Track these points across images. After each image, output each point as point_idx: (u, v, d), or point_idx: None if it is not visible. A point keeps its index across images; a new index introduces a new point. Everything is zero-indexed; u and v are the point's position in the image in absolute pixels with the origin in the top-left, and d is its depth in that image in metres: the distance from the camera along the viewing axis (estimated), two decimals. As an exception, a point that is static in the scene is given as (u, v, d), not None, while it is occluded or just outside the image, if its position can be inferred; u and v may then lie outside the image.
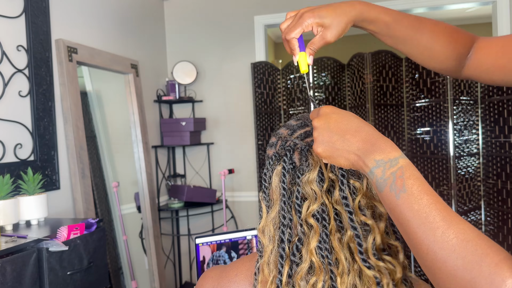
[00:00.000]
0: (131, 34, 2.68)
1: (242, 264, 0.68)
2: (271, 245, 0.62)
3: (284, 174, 0.61)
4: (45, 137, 1.84)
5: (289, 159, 0.62)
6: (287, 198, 0.61)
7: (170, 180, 3.04)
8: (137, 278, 2.54)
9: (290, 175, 0.62)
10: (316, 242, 0.58)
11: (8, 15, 1.68)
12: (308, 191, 0.60)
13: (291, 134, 0.66)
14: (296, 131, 0.66)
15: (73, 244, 1.38)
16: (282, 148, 0.65)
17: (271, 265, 0.61)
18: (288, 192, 0.61)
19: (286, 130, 0.67)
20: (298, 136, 0.65)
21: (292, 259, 0.59)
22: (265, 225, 0.63)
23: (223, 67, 3.08)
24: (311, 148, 0.62)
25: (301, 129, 0.66)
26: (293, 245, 0.60)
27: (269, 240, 0.62)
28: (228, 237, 1.58)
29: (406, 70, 2.73)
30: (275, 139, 0.68)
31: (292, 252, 0.60)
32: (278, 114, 3.00)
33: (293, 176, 0.62)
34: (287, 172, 0.62)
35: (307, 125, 0.66)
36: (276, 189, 0.63)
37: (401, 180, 0.47)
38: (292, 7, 2.94)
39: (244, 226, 3.04)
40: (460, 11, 4.31)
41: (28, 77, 1.77)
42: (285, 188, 0.61)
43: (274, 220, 0.62)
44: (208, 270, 0.72)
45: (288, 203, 0.61)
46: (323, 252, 0.58)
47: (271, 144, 0.68)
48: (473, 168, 2.53)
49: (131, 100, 2.62)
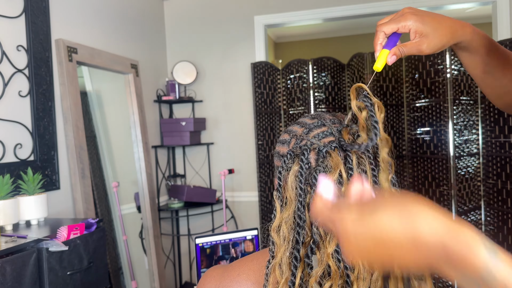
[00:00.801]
0: (131, 34, 2.68)
1: (244, 264, 0.68)
2: (284, 245, 0.60)
3: (301, 173, 0.60)
4: (45, 137, 1.84)
5: (305, 158, 0.61)
6: (303, 199, 0.60)
7: (170, 180, 3.03)
8: (137, 278, 2.53)
9: (306, 175, 0.61)
10: (334, 246, 0.57)
11: (8, 15, 1.68)
12: None
13: (307, 133, 0.64)
14: (313, 130, 0.64)
15: (73, 244, 1.38)
16: (298, 146, 0.63)
17: (284, 266, 0.60)
18: (304, 192, 0.60)
19: (301, 128, 0.66)
20: (315, 136, 0.63)
21: (306, 261, 0.58)
22: (279, 224, 0.62)
23: (223, 67, 3.08)
24: (330, 150, 0.60)
25: (318, 129, 0.64)
26: (308, 247, 0.59)
27: (283, 240, 0.61)
28: (228, 237, 1.58)
29: (406, 70, 2.73)
30: (288, 136, 0.66)
31: (306, 255, 0.58)
32: (278, 114, 3.00)
33: (308, 177, 0.61)
34: (304, 171, 0.60)
35: (324, 125, 0.64)
36: (291, 188, 0.61)
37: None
38: (292, 7, 2.94)
39: (244, 226, 3.04)
40: (460, 11, 4.31)
41: (28, 77, 1.77)
42: (302, 188, 0.60)
43: (287, 220, 0.61)
44: (210, 270, 0.71)
45: (303, 204, 0.59)
46: (339, 256, 0.57)
47: (283, 141, 0.67)
48: (473, 168, 2.53)
49: (131, 100, 2.62)
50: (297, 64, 2.93)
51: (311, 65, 2.90)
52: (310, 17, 2.94)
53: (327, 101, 2.90)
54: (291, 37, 5.23)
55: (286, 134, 0.68)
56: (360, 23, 4.54)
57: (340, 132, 0.62)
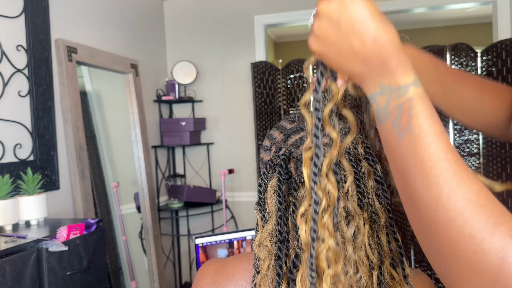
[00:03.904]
0: (131, 34, 2.68)
1: (240, 263, 0.67)
2: (267, 261, 0.58)
3: (279, 186, 0.57)
4: (45, 137, 1.84)
5: (284, 169, 0.58)
6: (283, 211, 0.57)
7: (170, 180, 3.03)
8: (137, 278, 2.53)
9: (286, 186, 0.58)
10: None
11: (8, 15, 1.68)
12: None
13: (285, 140, 0.62)
14: (291, 136, 0.62)
15: (73, 244, 1.37)
16: (277, 156, 0.61)
17: (269, 281, 0.58)
18: (284, 204, 0.57)
19: (280, 134, 0.64)
20: (293, 144, 0.61)
21: (289, 276, 0.56)
22: (261, 239, 0.59)
23: (223, 67, 3.08)
24: None
25: (296, 135, 0.61)
26: (291, 261, 0.57)
27: (266, 255, 0.59)
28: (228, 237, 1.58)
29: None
30: (269, 143, 0.64)
31: (289, 269, 0.56)
32: (278, 114, 3.00)
33: (289, 188, 0.58)
34: (282, 184, 0.58)
35: (302, 129, 0.62)
36: (271, 201, 0.59)
37: (407, 116, 0.37)
38: (292, 7, 2.94)
39: (244, 226, 3.04)
40: (460, 11, 4.31)
41: (28, 77, 1.77)
42: (280, 202, 0.57)
43: (270, 233, 0.59)
44: (207, 263, 0.71)
45: (284, 216, 0.57)
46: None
47: (265, 148, 0.65)
48: (473, 168, 2.53)
49: (131, 100, 2.61)
50: (297, 64, 2.93)
51: (311, 65, 2.89)
52: (310, 17, 2.94)
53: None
54: (291, 37, 5.22)
55: (267, 139, 0.66)
56: (360, 23, 4.54)
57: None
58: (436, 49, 2.60)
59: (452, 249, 0.35)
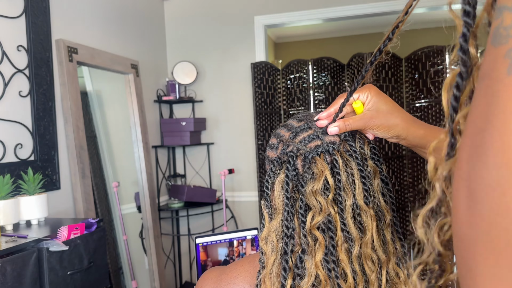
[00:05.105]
0: (131, 34, 2.68)
1: (242, 266, 0.68)
2: (273, 256, 0.59)
3: (287, 182, 0.59)
4: (46, 137, 1.84)
5: (292, 166, 0.59)
6: (290, 207, 0.58)
7: (170, 180, 3.04)
8: (137, 278, 2.54)
9: (293, 182, 0.59)
10: (322, 254, 0.56)
11: (8, 15, 1.68)
12: (313, 201, 0.57)
13: (293, 138, 0.62)
14: (299, 134, 0.62)
15: (73, 244, 1.38)
16: (284, 153, 0.62)
17: (274, 276, 0.59)
18: (291, 200, 0.58)
19: (288, 132, 0.64)
20: (301, 141, 0.61)
21: (295, 271, 0.57)
22: (268, 234, 0.60)
23: (223, 67, 3.08)
24: (315, 156, 0.59)
25: (304, 133, 0.62)
26: (296, 256, 0.58)
27: (272, 250, 0.59)
28: (228, 237, 1.58)
29: (406, 70, 2.73)
30: (276, 141, 0.65)
31: (295, 264, 0.57)
32: (278, 114, 3.01)
33: (296, 184, 0.59)
34: (290, 180, 0.59)
35: (310, 128, 0.62)
36: (278, 197, 0.60)
37: None
38: (292, 7, 2.94)
39: (244, 226, 3.04)
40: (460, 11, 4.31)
41: (29, 77, 1.77)
42: (288, 197, 0.58)
43: (277, 229, 0.60)
44: (208, 271, 0.71)
45: (291, 211, 0.58)
46: (329, 265, 0.55)
47: (272, 146, 0.65)
48: None
49: (131, 100, 2.62)
50: (297, 64, 2.93)
51: (311, 65, 2.90)
52: (310, 17, 2.94)
53: (327, 101, 2.90)
54: (291, 37, 5.23)
55: (274, 138, 0.67)
56: (360, 24, 4.55)
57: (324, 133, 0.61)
58: (436, 49, 2.60)
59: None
